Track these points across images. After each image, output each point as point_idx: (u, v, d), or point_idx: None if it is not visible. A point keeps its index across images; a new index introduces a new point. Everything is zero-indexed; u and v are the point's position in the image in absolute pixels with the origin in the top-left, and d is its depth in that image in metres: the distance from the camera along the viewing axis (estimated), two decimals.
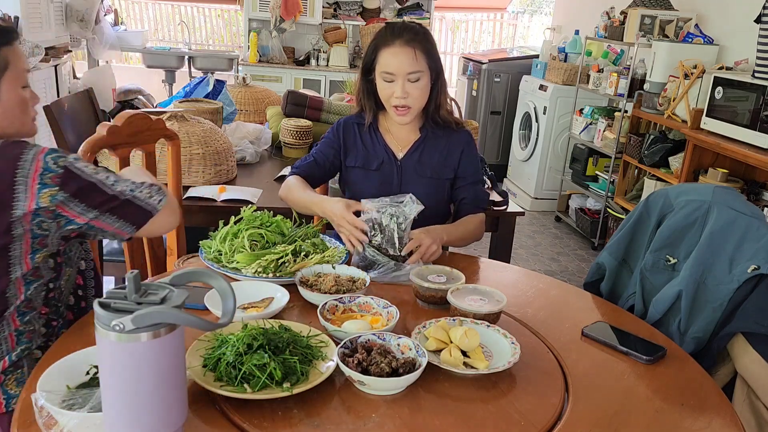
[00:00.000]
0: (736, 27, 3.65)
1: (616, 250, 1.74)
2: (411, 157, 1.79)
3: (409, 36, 1.66)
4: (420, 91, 1.69)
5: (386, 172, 1.79)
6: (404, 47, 1.65)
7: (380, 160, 1.79)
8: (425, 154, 1.79)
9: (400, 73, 1.65)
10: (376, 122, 1.82)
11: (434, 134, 1.79)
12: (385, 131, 1.82)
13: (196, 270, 0.97)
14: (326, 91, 5.63)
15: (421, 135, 1.80)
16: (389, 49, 1.66)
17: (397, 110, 1.70)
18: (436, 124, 1.79)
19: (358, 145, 1.81)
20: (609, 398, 1.11)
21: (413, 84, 1.67)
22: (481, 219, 1.79)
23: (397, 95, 1.66)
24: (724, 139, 3.14)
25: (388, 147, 1.80)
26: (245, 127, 2.80)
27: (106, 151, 1.69)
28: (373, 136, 1.81)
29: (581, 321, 1.37)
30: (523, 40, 8.55)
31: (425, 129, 1.80)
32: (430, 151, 1.79)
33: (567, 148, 4.85)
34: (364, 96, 1.79)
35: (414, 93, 1.68)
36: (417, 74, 1.66)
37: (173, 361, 0.84)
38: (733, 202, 1.57)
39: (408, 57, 1.65)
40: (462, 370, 1.10)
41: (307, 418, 0.97)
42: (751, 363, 1.41)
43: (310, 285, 1.38)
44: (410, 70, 1.65)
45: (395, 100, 1.68)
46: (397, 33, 1.67)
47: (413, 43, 1.66)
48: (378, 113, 1.82)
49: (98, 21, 5.49)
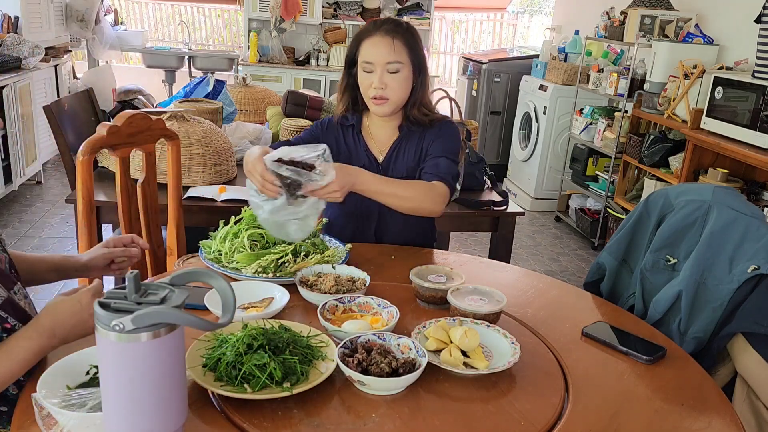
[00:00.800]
0: (736, 27, 3.64)
1: (616, 250, 1.74)
2: (390, 159, 1.76)
3: (389, 27, 1.66)
4: (398, 84, 1.66)
5: None
6: (384, 37, 1.64)
7: (361, 164, 1.72)
8: (401, 154, 1.75)
9: (379, 62, 1.64)
10: (359, 124, 1.79)
11: (411, 132, 1.76)
12: (366, 134, 1.78)
13: (196, 270, 0.97)
14: (326, 91, 5.63)
15: (399, 134, 1.76)
16: (369, 39, 1.66)
17: (374, 101, 1.67)
18: (414, 123, 1.75)
19: (340, 147, 1.78)
20: (609, 398, 1.11)
21: (392, 75, 1.65)
22: (434, 186, 1.61)
23: (374, 85, 1.65)
24: (724, 139, 3.14)
25: (369, 151, 1.77)
26: (245, 127, 2.80)
27: (106, 151, 1.69)
28: (355, 139, 1.78)
29: (581, 321, 1.37)
30: (523, 40, 8.55)
31: (404, 127, 1.76)
32: (406, 150, 1.75)
33: (567, 148, 4.85)
34: (344, 89, 1.76)
35: (392, 84, 1.65)
36: (396, 65, 1.64)
37: (173, 361, 0.84)
38: (733, 202, 1.57)
39: (386, 46, 1.64)
40: (462, 370, 1.10)
41: (307, 418, 0.97)
42: (751, 363, 1.41)
43: (310, 285, 1.38)
44: (389, 59, 1.63)
45: (372, 91, 1.66)
46: (378, 24, 1.67)
47: (393, 33, 1.65)
48: (362, 114, 1.79)
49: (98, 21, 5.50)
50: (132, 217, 1.79)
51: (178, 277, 0.89)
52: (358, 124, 1.79)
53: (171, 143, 1.88)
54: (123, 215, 1.76)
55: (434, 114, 1.77)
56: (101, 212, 2.12)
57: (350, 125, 1.78)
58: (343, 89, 1.77)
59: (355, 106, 1.78)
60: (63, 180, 4.87)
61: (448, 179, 1.65)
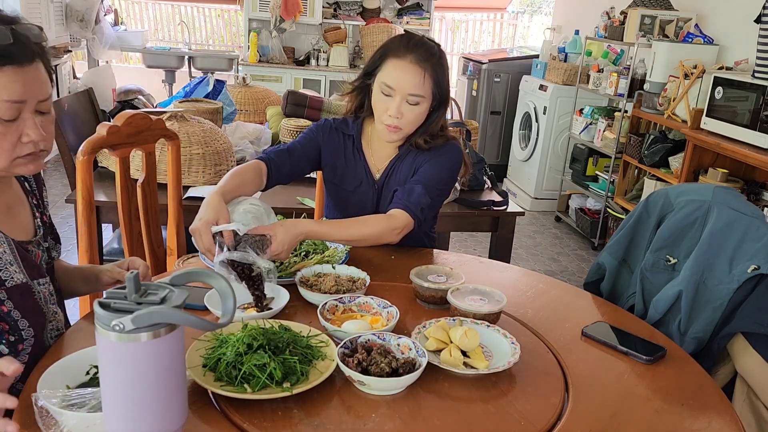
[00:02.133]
0: (736, 27, 3.65)
1: (616, 250, 1.74)
2: (385, 179, 1.69)
3: (423, 55, 1.53)
4: (415, 116, 1.57)
5: (362, 194, 1.71)
6: (414, 65, 1.52)
7: (358, 182, 1.70)
8: (396, 172, 1.68)
9: (402, 91, 1.53)
10: (360, 133, 1.71)
11: (408, 151, 1.68)
12: (366, 145, 1.71)
13: (196, 270, 0.97)
14: (326, 91, 5.63)
15: (398, 153, 1.69)
16: (398, 61, 1.54)
17: (387, 128, 1.59)
18: (416, 147, 1.66)
19: (340, 158, 1.71)
20: (609, 398, 1.11)
21: (410, 107, 1.55)
22: (393, 218, 1.52)
23: (390, 113, 1.55)
24: (724, 139, 3.14)
25: (367, 167, 1.70)
26: (245, 127, 2.80)
27: (106, 151, 1.69)
28: (355, 154, 1.70)
29: (581, 321, 1.37)
30: (523, 40, 8.55)
31: (404, 147, 1.68)
32: (401, 169, 1.68)
33: (567, 148, 4.85)
34: (356, 92, 1.68)
35: (409, 116, 1.56)
36: (417, 98, 1.54)
37: (173, 361, 0.84)
38: (733, 202, 1.57)
39: (416, 77, 1.52)
40: (462, 370, 1.10)
41: (307, 418, 0.97)
42: (751, 363, 1.41)
43: (310, 285, 1.38)
44: (412, 91, 1.53)
45: (387, 118, 1.56)
46: (412, 47, 1.54)
47: (425, 64, 1.53)
48: (364, 119, 1.72)
49: (98, 21, 5.50)
50: (132, 217, 1.79)
51: (178, 277, 0.89)
52: (358, 135, 1.71)
53: (171, 143, 1.88)
54: (123, 215, 1.76)
55: (437, 141, 1.65)
56: (101, 212, 2.12)
57: (350, 135, 1.71)
58: (355, 92, 1.69)
59: (359, 110, 1.71)
60: (63, 180, 4.87)
61: (413, 210, 1.54)
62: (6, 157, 1.08)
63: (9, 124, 1.05)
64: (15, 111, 1.05)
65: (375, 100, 1.60)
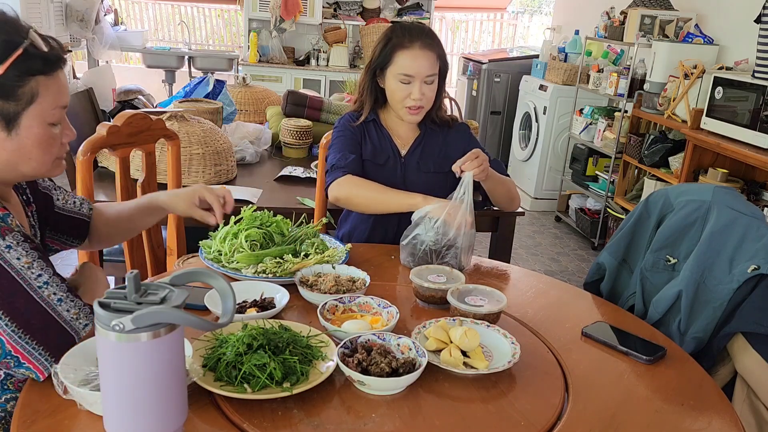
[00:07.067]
0: (736, 27, 3.65)
1: (616, 250, 1.74)
2: (413, 154, 1.84)
3: (427, 40, 1.73)
4: (433, 93, 1.77)
5: (390, 168, 1.83)
6: (425, 51, 1.72)
7: (386, 156, 1.83)
8: (426, 150, 1.85)
9: (420, 75, 1.72)
10: (378, 119, 1.86)
11: (432, 131, 1.87)
12: (387, 128, 1.86)
13: (196, 270, 0.97)
14: (326, 91, 5.63)
15: (420, 132, 1.86)
16: (409, 51, 1.71)
17: (410, 110, 1.76)
18: (433, 122, 1.86)
19: (366, 138, 1.84)
20: (609, 398, 1.11)
21: (428, 86, 1.74)
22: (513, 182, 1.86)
23: (414, 97, 1.73)
24: (724, 139, 3.14)
25: (393, 143, 1.85)
26: (245, 127, 2.80)
27: (106, 151, 1.69)
28: (378, 131, 1.85)
29: (581, 321, 1.37)
30: (523, 40, 8.56)
31: (423, 126, 1.86)
32: (431, 147, 1.85)
33: (567, 148, 4.85)
34: (367, 92, 1.82)
35: (429, 94, 1.75)
36: (432, 77, 1.74)
37: (173, 361, 0.84)
38: (733, 202, 1.57)
39: (429, 60, 1.72)
40: (462, 370, 1.10)
41: (307, 418, 0.97)
42: (751, 363, 1.41)
43: (310, 285, 1.38)
44: (429, 72, 1.73)
45: (411, 101, 1.74)
46: (415, 36, 1.73)
47: (432, 47, 1.73)
48: (378, 111, 1.87)
49: (98, 21, 5.49)
50: None
51: (178, 277, 0.89)
52: (377, 118, 1.86)
53: (171, 143, 1.88)
54: None
55: (447, 114, 1.89)
56: None
57: (371, 120, 1.85)
58: (369, 92, 1.82)
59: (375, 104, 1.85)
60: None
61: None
62: (51, 160, 1.13)
63: (56, 127, 1.11)
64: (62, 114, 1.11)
65: (393, 90, 1.76)
